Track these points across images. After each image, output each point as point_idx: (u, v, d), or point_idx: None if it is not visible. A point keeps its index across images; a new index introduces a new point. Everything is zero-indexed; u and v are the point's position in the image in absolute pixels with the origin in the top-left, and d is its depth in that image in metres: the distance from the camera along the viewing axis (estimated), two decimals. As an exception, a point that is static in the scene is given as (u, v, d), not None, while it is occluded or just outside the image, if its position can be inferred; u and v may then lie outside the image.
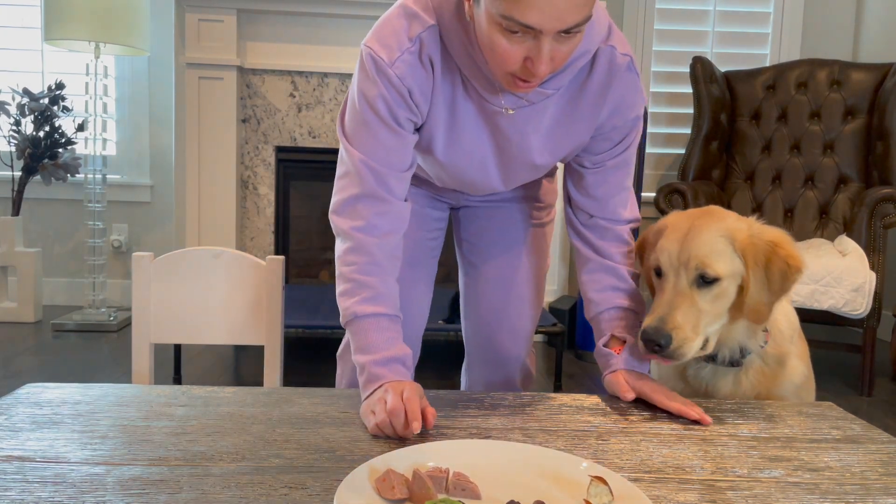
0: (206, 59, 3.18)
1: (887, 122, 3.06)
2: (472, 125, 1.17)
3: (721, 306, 1.06)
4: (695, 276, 1.05)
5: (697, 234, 1.06)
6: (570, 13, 0.92)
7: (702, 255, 1.04)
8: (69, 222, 3.83)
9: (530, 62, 0.97)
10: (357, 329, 1.07)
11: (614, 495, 0.70)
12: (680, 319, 1.03)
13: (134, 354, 1.33)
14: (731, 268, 1.05)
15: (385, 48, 1.08)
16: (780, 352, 1.15)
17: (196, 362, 2.86)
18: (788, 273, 1.04)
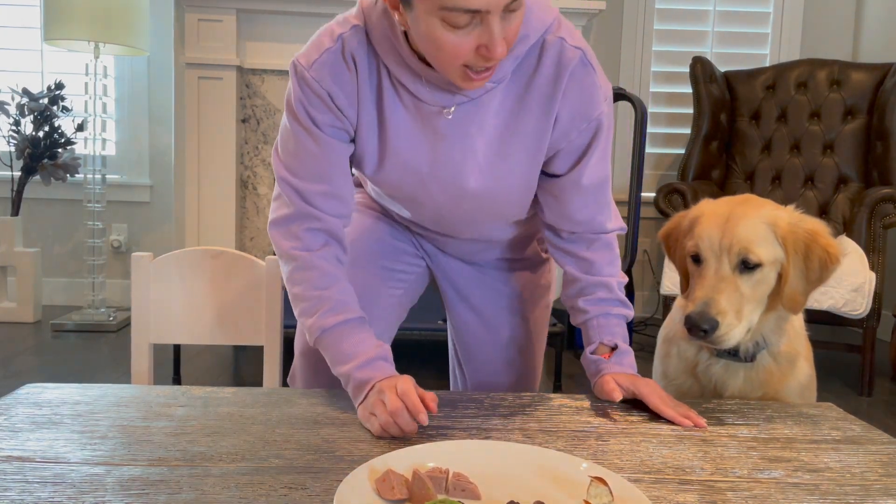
0: (206, 58, 3.18)
1: (887, 122, 3.06)
2: (407, 130, 1.08)
3: (762, 293, 1.06)
4: (737, 262, 1.05)
5: (740, 220, 1.06)
6: None
7: (745, 241, 1.04)
8: (69, 222, 3.83)
9: (484, 48, 0.91)
10: (328, 342, 1.05)
11: (614, 496, 0.70)
12: (724, 304, 1.03)
13: (133, 355, 1.33)
14: (773, 254, 1.06)
15: (306, 54, 1.05)
16: (792, 350, 1.15)
17: (196, 362, 2.86)
18: (827, 262, 1.05)
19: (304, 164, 1.07)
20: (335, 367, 1.04)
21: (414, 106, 1.06)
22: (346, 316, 1.05)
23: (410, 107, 1.06)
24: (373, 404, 0.93)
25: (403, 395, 0.91)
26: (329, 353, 1.05)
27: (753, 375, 1.14)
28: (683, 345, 1.20)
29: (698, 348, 1.17)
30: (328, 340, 1.05)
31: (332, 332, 1.04)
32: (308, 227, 1.08)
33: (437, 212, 1.19)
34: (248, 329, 1.34)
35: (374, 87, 1.06)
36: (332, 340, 1.04)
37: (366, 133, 1.08)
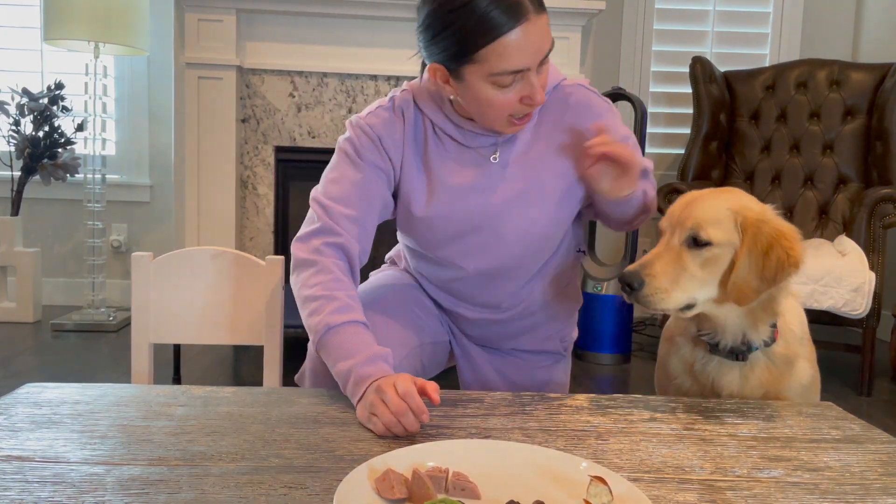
0: (206, 59, 3.18)
1: (887, 122, 3.06)
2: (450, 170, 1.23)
3: (709, 273, 1.06)
4: (687, 236, 1.06)
5: (703, 201, 1.08)
6: (543, 42, 1.09)
7: (699, 218, 1.05)
8: (68, 222, 3.83)
9: (528, 98, 1.12)
10: (333, 339, 1.07)
11: (614, 495, 0.70)
12: (658, 269, 1.05)
13: (133, 354, 1.33)
14: (728, 237, 1.05)
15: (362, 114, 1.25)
16: (790, 352, 1.14)
17: (196, 362, 2.86)
18: (785, 265, 1.03)
19: (339, 187, 1.21)
20: (336, 363, 1.05)
21: (456, 150, 1.24)
22: (353, 317, 1.09)
23: (453, 151, 1.24)
24: (372, 403, 0.93)
25: (406, 395, 0.91)
26: (331, 351, 1.07)
27: (749, 374, 1.13)
28: (682, 344, 1.20)
29: (693, 346, 1.17)
30: (332, 338, 1.07)
31: (337, 329, 1.07)
32: (328, 241, 1.17)
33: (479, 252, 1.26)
34: (248, 329, 1.34)
35: (421, 137, 1.24)
36: (338, 338, 1.07)
37: (412, 174, 1.24)
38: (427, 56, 1.15)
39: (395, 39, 3.28)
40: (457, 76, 1.12)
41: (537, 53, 1.08)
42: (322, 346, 1.09)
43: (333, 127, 3.32)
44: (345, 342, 1.06)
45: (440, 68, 1.13)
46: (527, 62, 1.08)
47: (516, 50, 1.06)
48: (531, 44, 1.07)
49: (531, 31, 1.06)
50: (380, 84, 3.30)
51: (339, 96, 3.30)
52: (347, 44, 3.28)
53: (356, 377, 1.00)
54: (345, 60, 3.29)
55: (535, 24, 1.07)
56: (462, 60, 1.09)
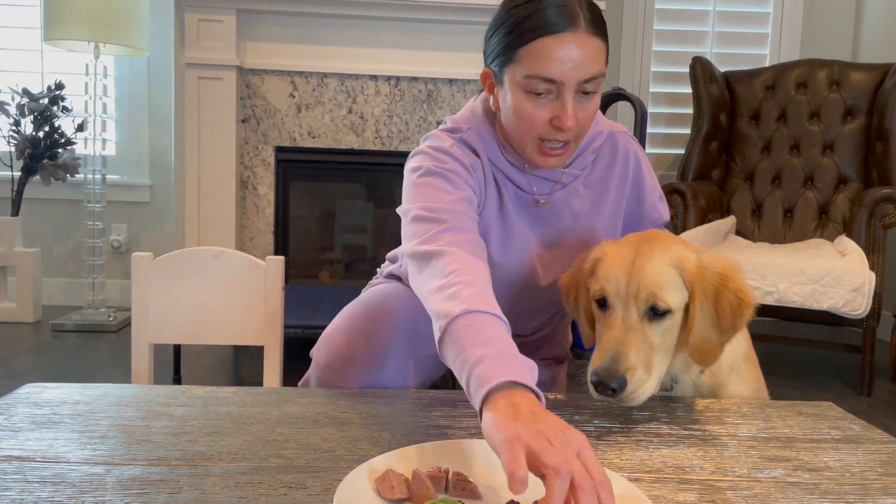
0: (206, 59, 3.18)
1: (887, 122, 3.06)
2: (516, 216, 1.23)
3: (670, 341, 0.99)
4: (646, 309, 0.97)
5: (646, 262, 0.98)
6: (585, 64, 1.05)
7: (652, 286, 0.96)
8: (69, 222, 3.83)
9: (557, 119, 1.08)
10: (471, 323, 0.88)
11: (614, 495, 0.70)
12: (633, 359, 0.94)
13: (133, 354, 1.33)
14: (681, 299, 0.98)
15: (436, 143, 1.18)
16: (714, 383, 1.10)
17: (196, 362, 2.86)
18: (740, 308, 0.96)
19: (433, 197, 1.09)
20: (471, 347, 0.84)
21: (515, 195, 1.23)
22: (497, 312, 0.92)
23: (512, 196, 1.23)
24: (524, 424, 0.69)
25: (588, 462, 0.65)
26: (467, 334, 0.87)
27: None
28: None
29: None
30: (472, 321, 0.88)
31: (480, 315, 0.89)
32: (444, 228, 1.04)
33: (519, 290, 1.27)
34: (248, 329, 1.34)
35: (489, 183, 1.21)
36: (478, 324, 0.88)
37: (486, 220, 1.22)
38: (485, 59, 1.17)
39: (395, 39, 3.28)
40: (499, 80, 1.13)
41: (576, 70, 1.05)
42: (455, 326, 0.88)
43: (333, 127, 3.32)
44: (485, 330, 0.87)
45: (489, 73, 1.15)
46: (562, 74, 1.05)
47: (554, 55, 1.04)
48: (572, 56, 1.04)
49: (576, 44, 1.04)
50: (380, 84, 3.30)
51: (339, 96, 3.30)
52: (347, 44, 3.28)
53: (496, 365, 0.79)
54: (345, 60, 3.29)
55: (582, 40, 1.05)
56: (505, 59, 1.10)
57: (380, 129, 3.33)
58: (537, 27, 1.05)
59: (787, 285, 2.65)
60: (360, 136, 3.33)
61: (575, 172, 1.25)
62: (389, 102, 3.32)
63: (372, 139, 3.33)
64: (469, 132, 1.21)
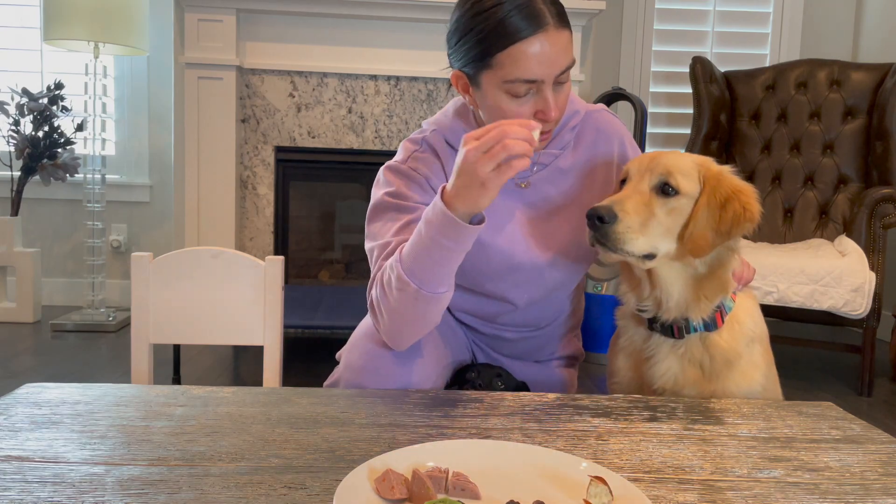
0: (206, 59, 3.18)
1: (887, 122, 3.06)
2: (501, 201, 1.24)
3: (673, 223, 1.05)
4: (658, 182, 1.05)
5: (671, 154, 1.08)
6: (560, 57, 1.09)
7: (670, 166, 1.05)
8: (68, 222, 3.83)
9: (541, 113, 1.12)
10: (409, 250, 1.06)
11: (614, 495, 0.70)
12: (631, 208, 1.03)
13: (133, 355, 1.33)
14: (694, 189, 1.06)
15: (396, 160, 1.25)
16: (730, 348, 1.10)
17: (195, 362, 2.86)
18: (741, 219, 1.03)
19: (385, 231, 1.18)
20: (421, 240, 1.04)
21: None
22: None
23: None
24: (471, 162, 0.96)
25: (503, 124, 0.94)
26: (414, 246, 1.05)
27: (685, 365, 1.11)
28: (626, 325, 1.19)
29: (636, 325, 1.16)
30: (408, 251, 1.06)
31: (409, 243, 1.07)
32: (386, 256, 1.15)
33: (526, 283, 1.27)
34: (248, 329, 1.34)
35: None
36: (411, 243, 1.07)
37: None
38: (452, 61, 1.18)
39: (395, 39, 3.28)
40: (475, 83, 1.15)
41: (552, 66, 1.09)
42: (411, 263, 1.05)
43: (333, 127, 3.32)
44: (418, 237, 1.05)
45: (462, 76, 1.17)
46: (541, 73, 1.08)
47: (531, 58, 1.07)
48: (547, 55, 1.07)
49: (548, 43, 1.07)
50: (380, 84, 3.30)
51: (339, 96, 3.30)
52: (347, 44, 3.28)
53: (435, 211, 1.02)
54: (345, 60, 3.29)
55: (553, 37, 1.07)
56: (480, 65, 1.11)
57: (379, 128, 3.33)
58: (509, 34, 1.07)
59: (787, 285, 2.65)
60: (359, 135, 3.33)
61: (554, 152, 1.26)
62: (389, 102, 3.32)
63: (372, 139, 3.33)
64: (433, 133, 1.26)
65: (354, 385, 1.19)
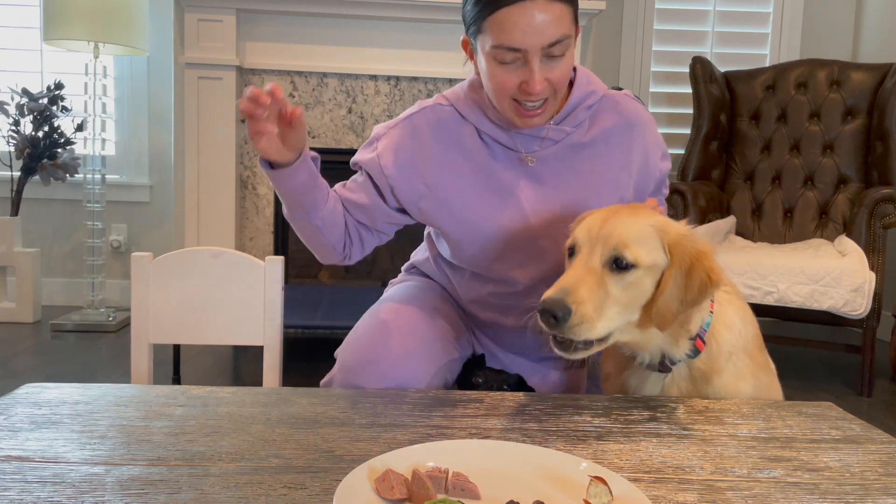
0: (206, 59, 3.18)
1: (887, 122, 3.06)
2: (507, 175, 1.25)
3: (631, 298, 0.97)
4: (610, 257, 0.96)
5: (625, 218, 0.99)
6: (548, 28, 1.06)
7: (623, 236, 0.96)
8: (68, 222, 3.83)
9: (525, 84, 1.11)
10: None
11: (614, 495, 0.70)
12: (584, 294, 0.93)
13: (133, 355, 1.33)
14: (652, 259, 0.97)
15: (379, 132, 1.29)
16: (709, 368, 1.08)
17: (195, 362, 2.86)
18: (707, 286, 0.97)
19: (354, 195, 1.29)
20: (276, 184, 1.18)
21: (504, 155, 1.25)
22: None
23: (501, 156, 1.25)
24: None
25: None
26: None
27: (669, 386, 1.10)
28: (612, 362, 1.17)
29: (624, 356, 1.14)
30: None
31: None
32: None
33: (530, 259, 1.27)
34: (247, 329, 1.34)
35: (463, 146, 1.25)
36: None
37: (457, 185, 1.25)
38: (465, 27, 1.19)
39: (395, 39, 3.28)
40: (475, 48, 1.16)
41: (538, 36, 1.07)
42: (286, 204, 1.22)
43: (333, 127, 3.32)
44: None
45: (468, 41, 1.18)
46: (524, 42, 1.07)
47: (514, 25, 1.06)
48: (532, 24, 1.06)
49: (536, 11, 1.06)
50: (380, 84, 3.30)
51: (339, 96, 3.30)
52: (347, 44, 3.28)
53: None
54: (345, 60, 3.29)
55: (542, 5, 1.06)
56: (475, 28, 1.12)
57: (380, 129, 3.33)
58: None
59: (787, 285, 2.65)
60: (359, 136, 3.33)
61: (565, 129, 1.24)
62: (389, 102, 3.32)
63: (372, 139, 3.33)
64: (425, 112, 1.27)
65: (348, 384, 1.19)
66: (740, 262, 2.72)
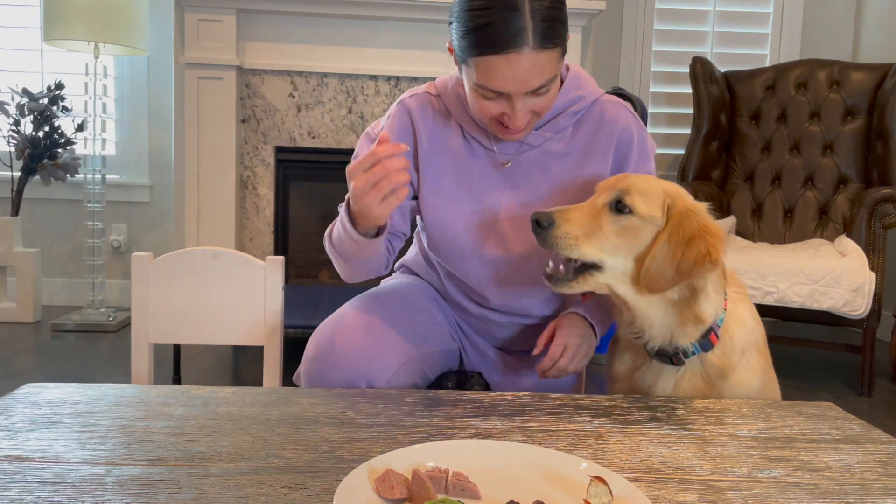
0: (206, 59, 3.18)
1: (887, 122, 3.06)
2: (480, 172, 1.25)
3: (623, 243, 1.03)
4: (612, 198, 1.04)
5: (642, 176, 1.07)
6: (533, 77, 1.06)
7: (629, 185, 1.04)
8: (68, 222, 3.83)
9: (507, 117, 1.12)
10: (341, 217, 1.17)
11: (614, 495, 0.70)
12: (573, 216, 1.03)
13: (133, 355, 1.33)
14: (650, 212, 1.03)
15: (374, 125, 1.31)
16: (724, 364, 1.09)
17: (195, 362, 2.86)
18: (703, 260, 0.98)
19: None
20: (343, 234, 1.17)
21: (484, 153, 1.25)
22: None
23: (480, 152, 1.25)
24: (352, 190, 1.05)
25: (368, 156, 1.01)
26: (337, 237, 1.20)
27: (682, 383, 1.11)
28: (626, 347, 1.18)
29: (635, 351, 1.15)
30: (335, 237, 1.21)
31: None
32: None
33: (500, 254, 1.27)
34: (248, 329, 1.34)
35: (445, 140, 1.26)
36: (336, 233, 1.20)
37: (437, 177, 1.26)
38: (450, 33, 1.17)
39: (395, 39, 3.28)
40: (460, 66, 1.16)
41: (522, 85, 1.07)
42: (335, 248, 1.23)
43: (333, 127, 3.32)
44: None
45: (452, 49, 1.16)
46: (508, 89, 1.07)
47: (499, 74, 1.06)
48: (516, 75, 1.05)
49: (522, 62, 1.05)
50: (380, 84, 3.30)
51: (339, 96, 3.30)
52: (347, 44, 3.28)
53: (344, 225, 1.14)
54: (345, 60, 3.29)
55: (529, 58, 1.05)
56: (461, 56, 1.11)
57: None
58: (486, 43, 1.04)
59: (787, 285, 2.65)
60: (359, 135, 3.33)
61: (545, 135, 1.23)
62: (389, 102, 3.32)
63: (372, 139, 3.33)
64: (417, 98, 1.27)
65: (314, 376, 1.19)
66: (740, 262, 2.72)
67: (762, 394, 1.15)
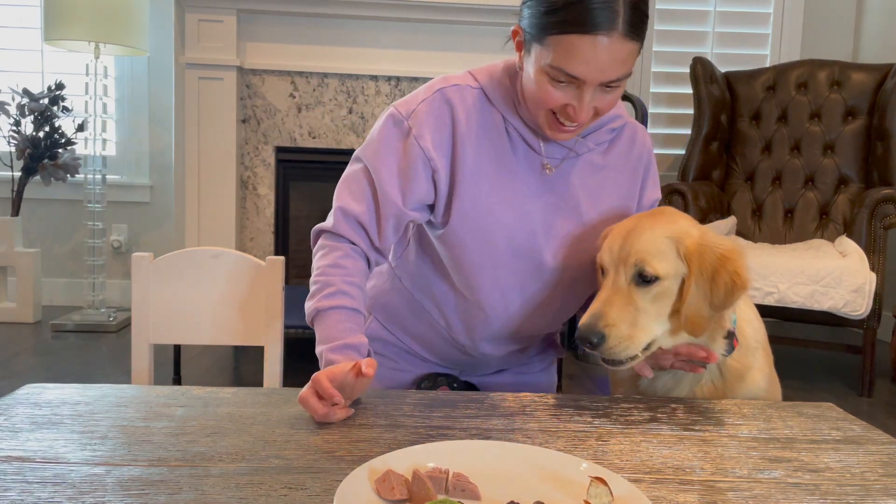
0: (206, 59, 3.18)
1: (887, 122, 3.06)
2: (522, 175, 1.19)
3: (661, 308, 1.02)
4: (633, 273, 1.02)
5: (641, 233, 1.03)
6: (612, 68, 1.02)
7: (642, 253, 1.01)
8: (69, 222, 3.83)
9: (572, 108, 1.06)
10: (319, 323, 1.10)
11: (614, 496, 0.70)
12: (614, 316, 1.00)
13: (133, 355, 1.33)
14: (674, 269, 1.02)
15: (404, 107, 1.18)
16: (742, 365, 1.11)
17: (196, 363, 2.86)
18: (733, 289, 0.99)
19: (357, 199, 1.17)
20: (318, 346, 1.09)
21: (525, 155, 1.19)
22: (343, 303, 1.10)
23: (522, 153, 1.19)
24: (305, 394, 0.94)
25: (316, 381, 0.92)
26: (318, 333, 1.10)
27: (697, 391, 1.11)
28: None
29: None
30: (320, 321, 1.10)
31: (325, 314, 1.10)
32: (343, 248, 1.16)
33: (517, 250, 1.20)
34: (248, 329, 1.34)
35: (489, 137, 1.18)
36: (323, 322, 1.10)
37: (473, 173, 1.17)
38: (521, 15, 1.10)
39: (395, 39, 3.28)
40: (527, 49, 1.08)
41: (600, 72, 1.02)
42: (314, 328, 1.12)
43: (333, 127, 3.32)
44: (328, 327, 1.09)
45: (520, 33, 1.10)
46: (585, 74, 1.02)
47: (580, 55, 1.00)
48: (598, 59, 1.00)
49: (607, 48, 1.00)
50: (380, 84, 3.30)
51: (340, 96, 3.30)
52: (347, 44, 3.28)
53: (325, 361, 1.04)
54: (345, 60, 3.29)
55: (614, 44, 1.00)
56: (536, 36, 1.04)
57: (380, 129, 3.33)
58: (574, 21, 0.99)
59: (787, 286, 2.65)
60: (360, 136, 3.33)
61: (589, 145, 1.21)
62: (389, 102, 3.32)
63: (372, 139, 3.33)
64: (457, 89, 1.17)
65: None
66: (741, 262, 2.72)
67: (768, 392, 1.16)
